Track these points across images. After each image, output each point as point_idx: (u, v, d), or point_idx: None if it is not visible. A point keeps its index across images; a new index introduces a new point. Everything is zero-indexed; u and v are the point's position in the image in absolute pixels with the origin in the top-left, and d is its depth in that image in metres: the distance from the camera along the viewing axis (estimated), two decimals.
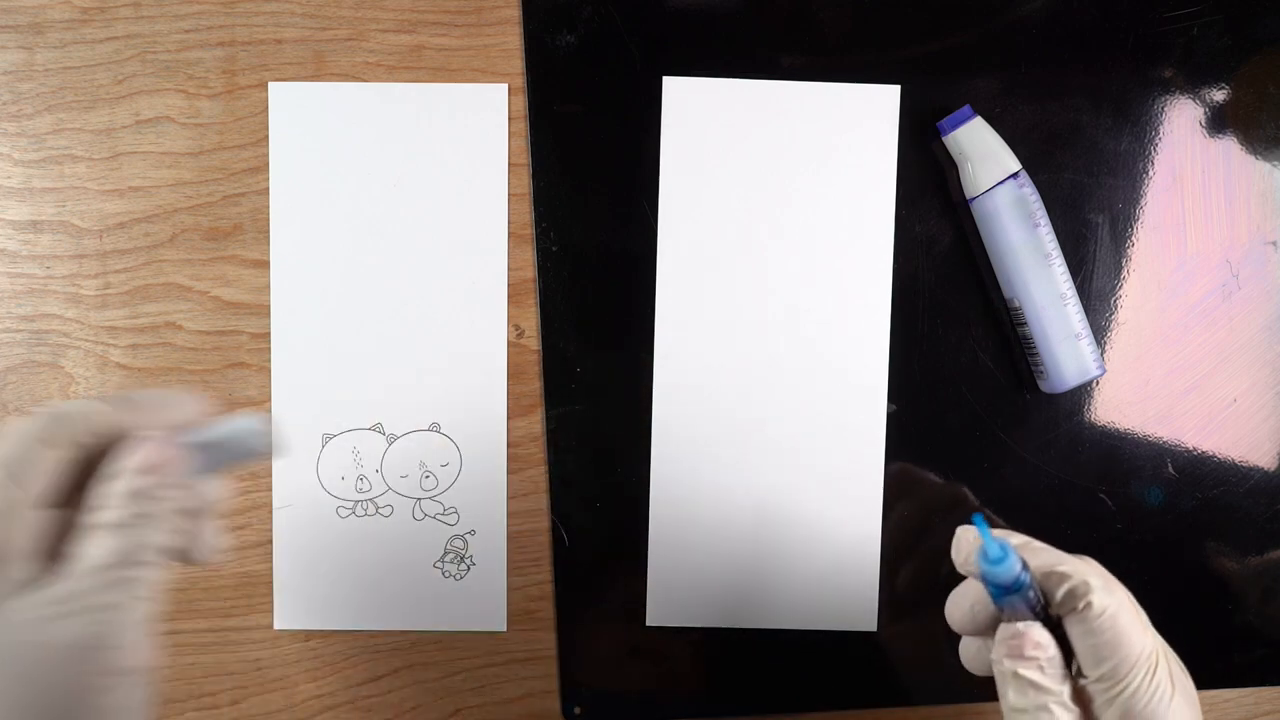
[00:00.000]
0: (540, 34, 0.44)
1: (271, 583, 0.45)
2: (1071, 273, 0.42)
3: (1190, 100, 0.44)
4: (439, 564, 0.45)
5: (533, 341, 0.45)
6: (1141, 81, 0.44)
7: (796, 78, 0.44)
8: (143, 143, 0.44)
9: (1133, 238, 0.44)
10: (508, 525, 0.45)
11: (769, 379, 0.44)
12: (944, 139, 0.42)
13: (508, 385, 0.45)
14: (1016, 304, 0.42)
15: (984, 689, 0.46)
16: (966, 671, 0.45)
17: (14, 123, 0.44)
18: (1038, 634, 0.32)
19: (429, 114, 0.44)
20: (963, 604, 0.34)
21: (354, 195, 0.44)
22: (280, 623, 0.45)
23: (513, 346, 0.45)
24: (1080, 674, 0.33)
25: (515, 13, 0.44)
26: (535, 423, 0.45)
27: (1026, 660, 0.32)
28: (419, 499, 0.45)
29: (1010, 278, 0.42)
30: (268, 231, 0.44)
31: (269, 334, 0.44)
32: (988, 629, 0.34)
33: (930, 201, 0.44)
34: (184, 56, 0.44)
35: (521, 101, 0.44)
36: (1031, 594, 0.32)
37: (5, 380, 0.44)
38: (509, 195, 0.44)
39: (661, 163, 0.44)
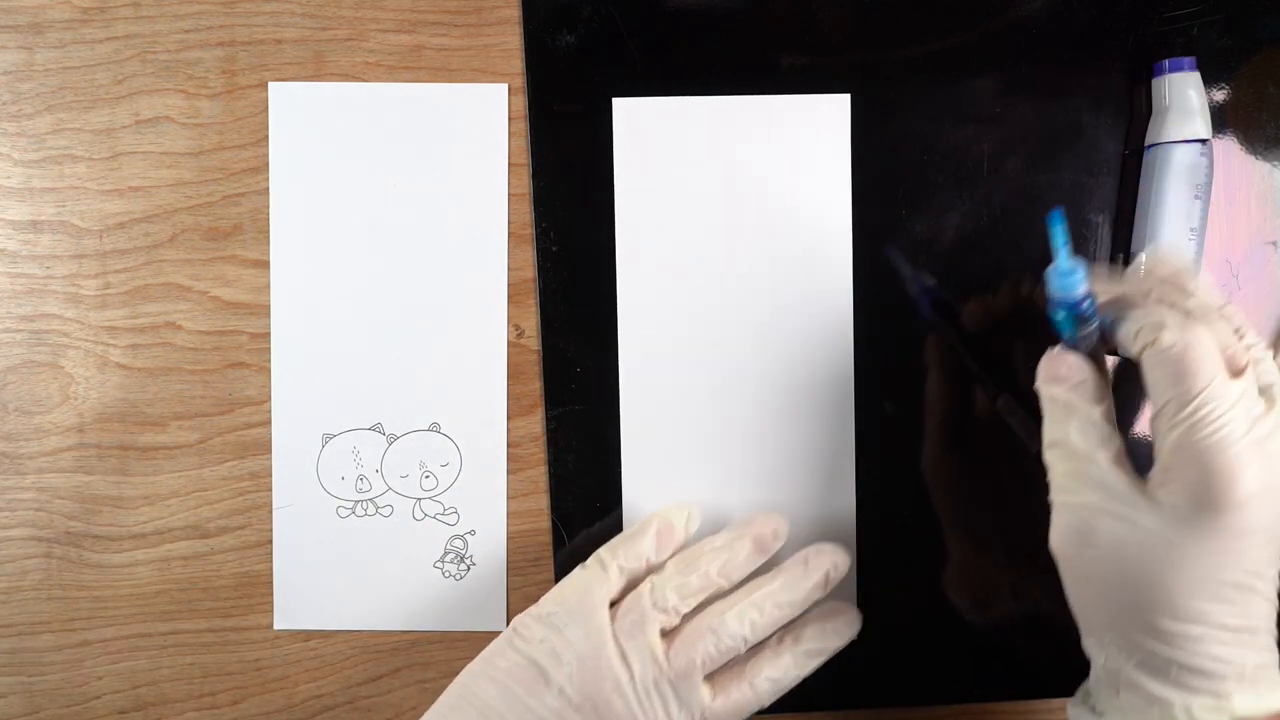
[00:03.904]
0: (540, 34, 0.44)
1: (271, 583, 0.45)
2: None
3: None
4: (439, 564, 0.45)
5: (533, 341, 0.45)
6: (1141, 81, 0.44)
7: (797, 77, 0.44)
8: (143, 143, 0.44)
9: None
10: (508, 525, 0.45)
11: (739, 389, 0.44)
12: (1155, 80, 0.42)
13: (508, 385, 0.45)
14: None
15: (984, 689, 0.46)
16: (966, 671, 0.45)
17: (14, 123, 0.44)
18: (1071, 358, 0.33)
19: (429, 114, 0.44)
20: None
21: (354, 195, 0.44)
22: (280, 623, 0.45)
23: (513, 346, 0.45)
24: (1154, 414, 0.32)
25: (515, 13, 0.44)
26: (535, 423, 0.45)
27: (1059, 380, 0.33)
28: (419, 499, 0.45)
29: (1146, 237, 0.42)
30: (268, 231, 0.44)
31: (269, 334, 0.44)
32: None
33: (931, 201, 0.44)
34: (184, 56, 0.44)
35: (521, 101, 0.44)
36: (1096, 333, 0.33)
37: (5, 380, 0.44)
38: (509, 195, 0.44)
39: (616, 184, 0.44)
